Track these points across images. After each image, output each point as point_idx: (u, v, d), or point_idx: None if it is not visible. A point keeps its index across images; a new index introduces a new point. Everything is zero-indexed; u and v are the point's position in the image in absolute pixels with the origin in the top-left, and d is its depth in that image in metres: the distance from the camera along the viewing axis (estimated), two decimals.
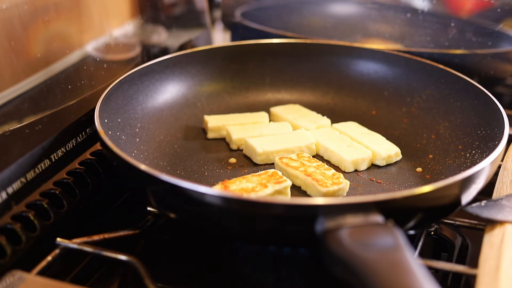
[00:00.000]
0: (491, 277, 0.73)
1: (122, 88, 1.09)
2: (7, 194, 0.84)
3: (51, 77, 0.97)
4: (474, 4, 1.46)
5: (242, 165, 1.07)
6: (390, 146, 1.09)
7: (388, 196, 0.74)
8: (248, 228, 0.80)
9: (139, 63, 1.19)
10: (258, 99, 1.30)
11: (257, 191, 0.91)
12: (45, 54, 0.97)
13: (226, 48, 1.30)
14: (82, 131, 1.01)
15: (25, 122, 0.89)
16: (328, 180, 0.96)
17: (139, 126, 1.10)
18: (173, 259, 0.94)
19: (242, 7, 1.63)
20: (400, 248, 0.67)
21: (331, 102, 1.28)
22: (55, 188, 0.90)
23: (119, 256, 0.83)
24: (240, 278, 0.89)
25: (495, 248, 0.78)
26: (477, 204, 0.88)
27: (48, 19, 0.98)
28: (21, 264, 0.79)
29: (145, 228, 0.93)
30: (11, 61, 0.91)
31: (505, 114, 0.99)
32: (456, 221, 0.94)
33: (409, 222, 0.80)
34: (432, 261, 0.83)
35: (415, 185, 1.01)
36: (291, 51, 1.32)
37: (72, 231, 0.89)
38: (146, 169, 0.80)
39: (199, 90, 1.26)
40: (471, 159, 1.01)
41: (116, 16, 1.19)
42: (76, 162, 0.98)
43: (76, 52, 1.05)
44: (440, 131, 1.13)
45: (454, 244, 0.96)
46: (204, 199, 0.75)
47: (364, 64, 1.29)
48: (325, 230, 0.71)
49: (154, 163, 1.04)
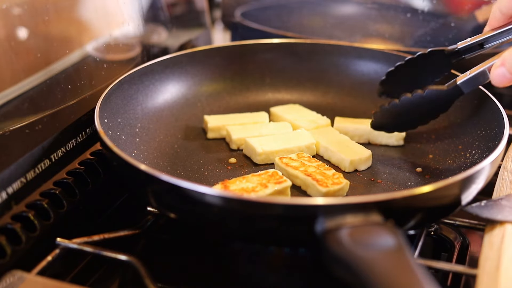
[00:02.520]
0: (491, 277, 0.73)
1: (122, 88, 1.09)
2: (7, 194, 0.83)
3: (51, 77, 0.97)
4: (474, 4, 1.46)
5: (242, 165, 1.07)
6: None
7: (388, 196, 0.74)
8: (248, 228, 0.80)
9: (139, 63, 1.19)
10: (258, 99, 1.30)
11: (257, 191, 0.91)
12: (45, 54, 0.97)
13: (226, 48, 1.30)
14: (82, 131, 1.01)
15: (25, 122, 0.89)
16: (328, 180, 0.96)
17: (139, 126, 1.10)
18: (173, 259, 0.94)
19: (242, 7, 1.63)
20: (400, 248, 0.67)
21: (331, 102, 1.28)
22: (55, 188, 0.90)
23: (119, 256, 0.83)
24: (240, 278, 0.89)
25: (495, 248, 0.78)
26: (477, 204, 0.88)
27: (48, 19, 0.98)
28: (21, 264, 0.79)
29: (145, 228, 0.93)
30: (11, 61, 0.91)
31: (505, 114, 0.99)
32: (456, 221, 0.94)
33: (409, 222, 0.80)
34: (432, 261, 0.83)
35: (415, 185, 1.01)
36: (291, 51, 1.32)
37: (72, 231, 0.89)
38: (146, 169, 0.80)
39: (199, 90, 1.26)
40: (471, 159, 1.01)
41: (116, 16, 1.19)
42: (76, 162, 0.98)
43: (76, 52, 1.05)
44: (440, 131, 1.13)
45: (454, 244, 0.96)
46: (204, 199, 0.75)
47: (364, 64, 1.29)
48: (325, 230, 0.71)
49: (154, 163, 1.04)
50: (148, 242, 0.95)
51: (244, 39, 1.36)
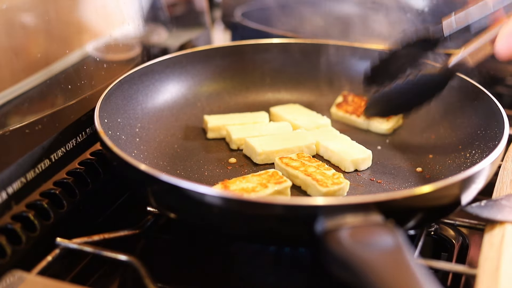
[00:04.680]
0: (491, 277, 0.73)
1: (122, 88, 1.09)
2: (7, 194, 0.83)
3: (51, 77, 0.97)
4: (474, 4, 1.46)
5: (242, 165, 1.07)
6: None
7: (388, 196, 0.74)
8: (248, 228, 0.80)
9: (139, 63, 1.19)
10: (258, 99, 1.30)
11: (257, 191, 0.91)
12: (45, 54, 0.97)
13: (226, 48, 1.30)
14: (82, 131, 1.01)
15: (25, 122, 0.89)
16: (328, 180, 0.96)
17: (139, 126, 1.10)
18: (173, 259, 0.94)
19: (242, 7, 1.63)
20: (400, 248, 0.67)
21: (331, 102, 1.28)
22: (55, 188, 0.90)
23: (119, 256, 0.83)
24: (240, 278, 0.89)
25: (495, 248, 0.78)
26: (477, 204, 0.88)
27: (48, 19, 0.98)
28: (21, 264, 0.79)
29: (145, 228, 0.93)
30: (11, 61, 0.91)
31: (505, 114, 0.99)
32: (456, 221, 0.94)
33: (409, 222, 0.80)
34: (432, 261, 0.83)
35: (415, 185, 1.01)
36: (291, 51, 1.32)
37: (72, 231, 0.89)
38: (146, 169, 0.80)
39: (199, 90, 1.26)
40: (471, 159, 1.01)
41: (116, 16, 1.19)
42: (76, 162, 0.98)
43: (76, 52, 1.05)
44: (440, 131, 1.13)
45: (454, 244, 0.96)
46: (204, 199, 0.75)
47: (364, 64, 1.29)
48: (325, 230, 0.71)
49: (154, 163, 1.04)
50: (148, 242, 0.95)
51: (244, 39, 1.36)
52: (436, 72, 0.95)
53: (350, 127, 1.21)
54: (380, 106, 1.04)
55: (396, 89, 0.98)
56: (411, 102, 1.01)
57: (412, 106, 1.02)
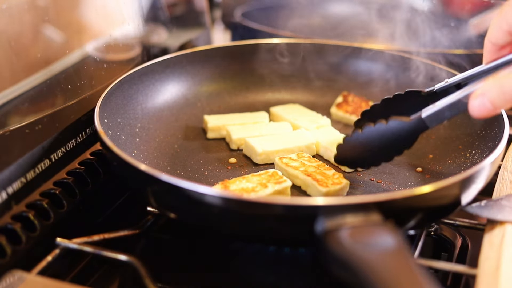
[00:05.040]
0: (491, 277, 0.73)
1: (122, 88, 1.09)
2: (7, 194, 0.83)
3: (51, 77, 0.97)
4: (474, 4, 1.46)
5: (242, 165, 1.07)
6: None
7: (388, 196, 0.74)
8: (248, 228, 0.80)
9: (139, 63, 1.19)
10: (258, 99, 1.30)
11: (257, 191, 0.91)
12: (45, 54, 0.97)
13: (226, 48, 1.30)
14: (82, 131, 1.01)
15: (25, 122, 0.89)
16: (328, 180, 0.96)
17: (139, 126, 1.10)
18: (173, 259, 0.94)
19: (242, 7, 1.63)
20: (400, 248, 0.67)
21: (331, 102, 1.28)
22: (55, 188, 0.90)
23: (119, 256, 0.83)
24: (240, 278, 0.89)
25: (495, 248, 0.78)
26: (477, 204, 0.88)
27: (48, 19, 0.98)
28: (21, 264, 0.79)
29: (145, 228, 0.93)
30: (11, 61, 0.91)
31: (505, 114, 0.99)
32: (456, 221, 0.94)
33: (409, 222, 0.80)
34: (432, 261, 0.83)
35: (415, 185, 1.01)
36: (291, 51, 1.32)
37: (72, 231, 0.89)
38: (146, 169, 0.80)
39: (199, 90, 1.26)
40: (471, 159, 1.01)
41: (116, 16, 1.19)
42: (76, 162, 0.98)
43: (76, 52, 1.05)
44: (440, 131, 1.13)
45: (454, 244, 0.96)
46: (204, 199, 0.75)
47: (364, 64, 1.29)
48: (325, 230, 0.71)
49: (154, 163, 1.04)
50: (148, 242, 0.95)
51: (244, 39, 1.36)
52: (407, 120, 0.92)
53: (350, 127, 1.21)
54: (350, 151, 1.00)
55: (367, 132, 0.95)
56: (381, 151, 0.97)
57: (382, 157, 0.98)
